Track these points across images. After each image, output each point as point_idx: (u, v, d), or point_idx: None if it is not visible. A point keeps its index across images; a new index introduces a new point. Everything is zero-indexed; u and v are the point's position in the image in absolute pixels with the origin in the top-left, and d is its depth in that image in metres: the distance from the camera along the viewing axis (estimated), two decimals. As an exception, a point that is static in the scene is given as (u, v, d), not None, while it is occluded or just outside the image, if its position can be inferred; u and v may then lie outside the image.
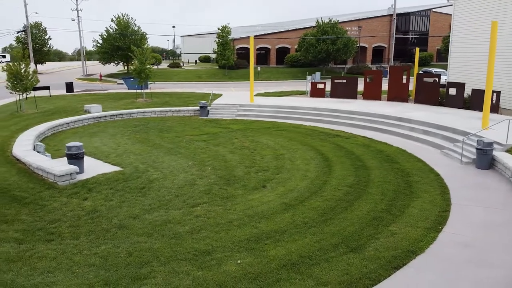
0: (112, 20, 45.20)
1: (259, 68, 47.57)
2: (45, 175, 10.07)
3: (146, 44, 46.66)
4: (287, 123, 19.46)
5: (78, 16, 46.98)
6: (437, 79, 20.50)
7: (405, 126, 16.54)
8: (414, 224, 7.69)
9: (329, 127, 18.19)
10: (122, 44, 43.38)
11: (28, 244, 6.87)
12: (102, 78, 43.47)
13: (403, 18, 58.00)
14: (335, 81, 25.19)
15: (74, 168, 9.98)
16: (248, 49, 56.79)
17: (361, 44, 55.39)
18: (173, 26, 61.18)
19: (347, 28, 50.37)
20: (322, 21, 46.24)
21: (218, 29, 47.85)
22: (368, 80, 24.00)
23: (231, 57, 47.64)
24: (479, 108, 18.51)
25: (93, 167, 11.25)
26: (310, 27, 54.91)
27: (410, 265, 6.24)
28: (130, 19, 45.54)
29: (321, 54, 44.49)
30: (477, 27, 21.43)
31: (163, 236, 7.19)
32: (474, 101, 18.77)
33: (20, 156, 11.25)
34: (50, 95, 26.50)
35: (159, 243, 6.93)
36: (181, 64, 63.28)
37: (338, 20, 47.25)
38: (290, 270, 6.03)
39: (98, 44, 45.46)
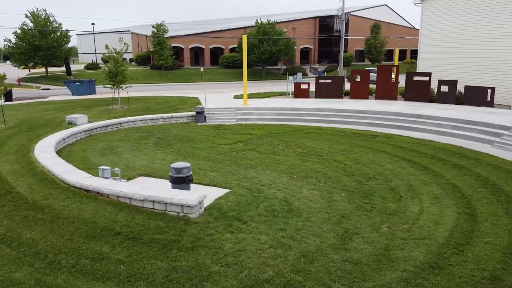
0: (26, 16, 38.61)
1: (202, 69, 45.52)
2: (161, 207, 7.83)
3: (67, 45, 41.37)
4: (302, 126, 18.74)
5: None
6: (427, 77, 21.82)
7: (430, 122, 17.16)
8: None
9: (351, 128, 17.96)
10: (44, 44, 37.37)
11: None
12: (21, 83, 36.86)
13: (327, 20, 61.23)
14: (320, 81, 25.20)
15: (203, 195, 7.96)
16: (180, 48, 54.06)
17: (290, 45, 56.80)
18: (92, 23, 54.46)
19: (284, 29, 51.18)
20: (261, 21, 46.19)
21: (153, 26, 44.54)
22: (354, 79, 24.51)
23: (169, 57, 44.69)
24: (473, 103, 20.28)
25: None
26: (243, 27, 54.51)
27: None
28: (49, 15, 39.44)
29: (265, 55, 44.40)
30: (447, 27, 23.43)
31: (423, 270, 6.05)
32: (467, 97, 20.42)
33: (96, 186, 8.57)
34: (-8, 105, 21.27)
35: (434, 276, 5.81)
36: (99, 65, 57.27)
37: (276, 21, 47.72)
38: None
39: (11, 44, 38.45)
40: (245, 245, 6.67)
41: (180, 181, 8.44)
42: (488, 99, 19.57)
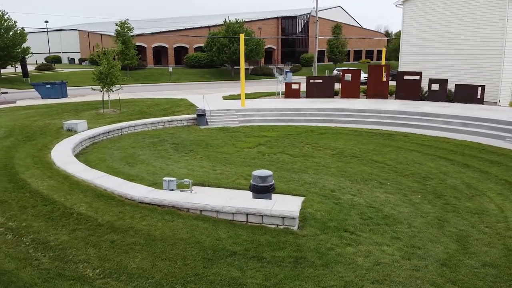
0: (-23, 13, 34.80)
1: (170, 69, 43.85)
2: (256, 220, 7.19)
3: (23, 44, 38.06)
4: (311, 126, 18.60)
5: None
6: (418, 76, 22.59)
7: (437, 120, 17.74)
8: None
9: (361, 127, 18.10)
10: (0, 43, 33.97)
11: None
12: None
13: (290, 21, 61.83)
14: (311, 81, 25.23)
15: (299, 204, 7.45)
16: (143, 47, 51.84)
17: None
18: (46, 21, 50.14)
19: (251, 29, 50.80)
20: (229, 20, 45.53)
21: (116, 24, 42.20)
22: (345, 79, 24.79)
23: (135, 57, 42.60)
24: (463, 100, 21.34)
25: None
26: (207, 26, 53.45)
27: None
28: (3, 12, 35.82)
29: (236, 55, 43.78)
30: (429, 27, 24.48)
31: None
32: (457, 95, 21.44)
33: (173, 200, 7.65)
34: (-39, 112, 18.78)
35: None
36: (53, 66, 53.22)
37: (244, 20, 47.28)
38: None
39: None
40: (376, 258, 6.29)
41: (265, 190, 7.85)
42: (479, 96, 20.69)
